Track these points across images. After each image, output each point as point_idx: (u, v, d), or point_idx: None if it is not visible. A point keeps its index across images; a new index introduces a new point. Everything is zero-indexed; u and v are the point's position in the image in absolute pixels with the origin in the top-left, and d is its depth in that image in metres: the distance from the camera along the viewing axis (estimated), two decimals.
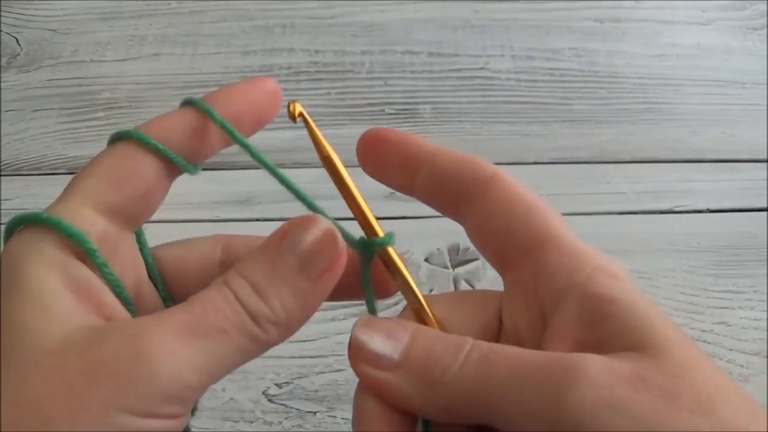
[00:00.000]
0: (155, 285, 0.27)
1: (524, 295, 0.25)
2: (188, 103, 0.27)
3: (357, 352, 0.24)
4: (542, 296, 0.24)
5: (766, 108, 0.66)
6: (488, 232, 0.26)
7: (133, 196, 0.25)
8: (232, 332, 0.22)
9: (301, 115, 0.27)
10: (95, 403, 0.19)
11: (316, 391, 0.49)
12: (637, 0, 0.74)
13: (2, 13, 0.72)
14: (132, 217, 0.26)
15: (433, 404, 0.23)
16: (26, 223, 0.24)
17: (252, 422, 0.48)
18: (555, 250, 0.24)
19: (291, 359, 0.50)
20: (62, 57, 0.68)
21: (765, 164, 0.62)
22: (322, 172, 0.27)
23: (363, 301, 0.27)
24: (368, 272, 0.26)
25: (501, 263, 0.26)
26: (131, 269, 0.26)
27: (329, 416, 0.48)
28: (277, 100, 0.28)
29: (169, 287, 0.28)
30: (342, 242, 0.24)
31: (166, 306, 0.28)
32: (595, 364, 0.21)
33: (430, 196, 0.27)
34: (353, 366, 0.24)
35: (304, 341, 0.51)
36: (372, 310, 0.27)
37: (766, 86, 0.68)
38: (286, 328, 0.23)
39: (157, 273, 0.27)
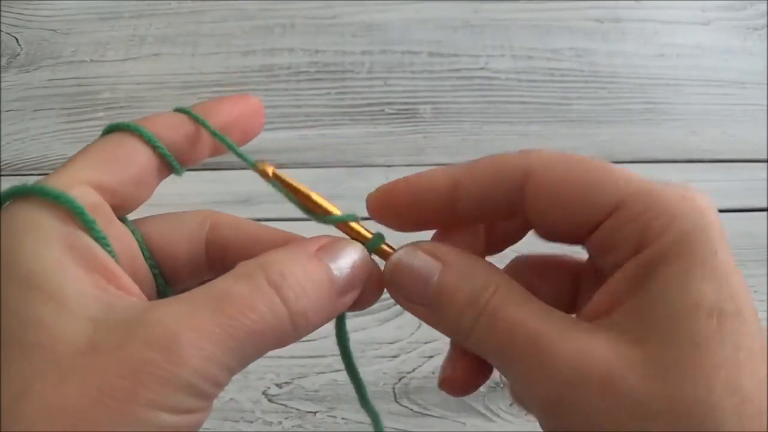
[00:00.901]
0: (148, 264, 0.27)
1: (602, 259, 0.24)
2: (179, 111, 0.27)
3: (392, 285, 0.26)
4: (615, 261, 0.24)
5: (766, 108, 0.66)
6: (547, 217, 0.25)
7: (126, 180, 0.25)
8: (267, 333, 0.22)
9: (275, 176, 0.27)
10: (139, 405, 0.20)
11: (316, 391, 0.49)
12: (637, 0, 0.74)
13: (2, 13, 0.72)
14: (122, 202, 0.26)
15: (458, 342, 0.25)
16: (16, 196, 0.23)
17: (252, 422, 0.48)
18: (629, 211, 0.23)
19: (291, 359, 0.50)
20: (62, 57, 0.69)
21: (765, 164, 0.62)
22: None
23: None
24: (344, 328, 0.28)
25: (572, 238, 0.26)
26: (125, 244, 0.26)
27: (329, 416, 0.48)
28: (261, 117, 0.29)
29: (159, 266, 0.27)
30: (369, 272, 0.26)
31: (158, 284, 0.27)
32: (568, 353, 0.22)
33: (477, 213, 0.26)
34: (391, 294, 0.26)
35: (304, 341, 0.51)
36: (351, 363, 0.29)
37: (766, 86, 0.68)
38: (309, 332, 0.24)
39: (149, 253, 0.27)
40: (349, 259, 0.25)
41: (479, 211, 0.26)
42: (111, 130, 0.26)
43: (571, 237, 0.25)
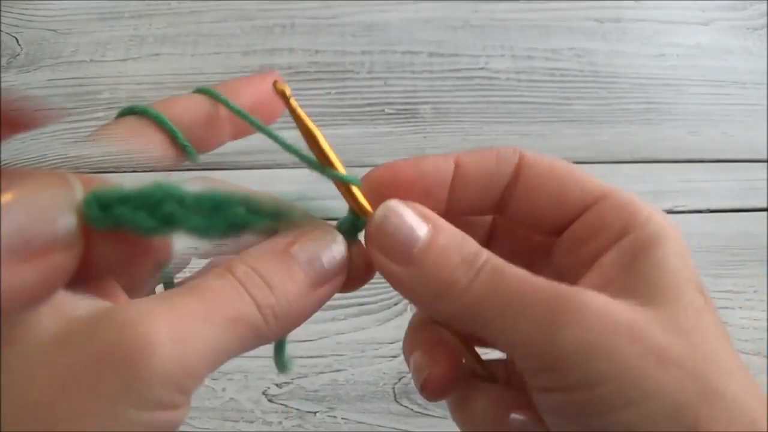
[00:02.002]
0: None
1: (578, 250, 0.26)
2: (200, 91, 0.26)
3: (374, 240, 0.24)
4: (597, 247, 0.25)
5: (766, 108, 0.66)
6: (537, 203, 0.26)
7: None
8: (240, 323, 0.21)
9: (290, 103, 0.25)
10: (103, 400, 0.18)
11: (316, 391, 0.49)
12: (637, 0, 0.74)
13: (2, 13, 0.72)
14: None
15: (437, 310, 0.24)
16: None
17: (252, 422, 0.48)
18: (612, 202, 0.25)
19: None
20: (62, 57, 0.68)
21: (765, 164, 0.62)
22: None
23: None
24: None
25: (554, 227, 0.27)
26: None
27: (329, 416, 0.48)
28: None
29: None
30: (345, 262, 0.24)
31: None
32: (595, 304, 0.22)
33: (471, 202, 0.27)
34: (370, 251, 0.24)
35: (304, 341, 0.51)
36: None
37: (766, 86, 0.68)
38: (285, 327, 0.23)
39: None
40: (323, 249, 0.24)
41: (473, 199, 0.26)
42: (127, 113, 0.25)
43: (552, 225, 0.26)
